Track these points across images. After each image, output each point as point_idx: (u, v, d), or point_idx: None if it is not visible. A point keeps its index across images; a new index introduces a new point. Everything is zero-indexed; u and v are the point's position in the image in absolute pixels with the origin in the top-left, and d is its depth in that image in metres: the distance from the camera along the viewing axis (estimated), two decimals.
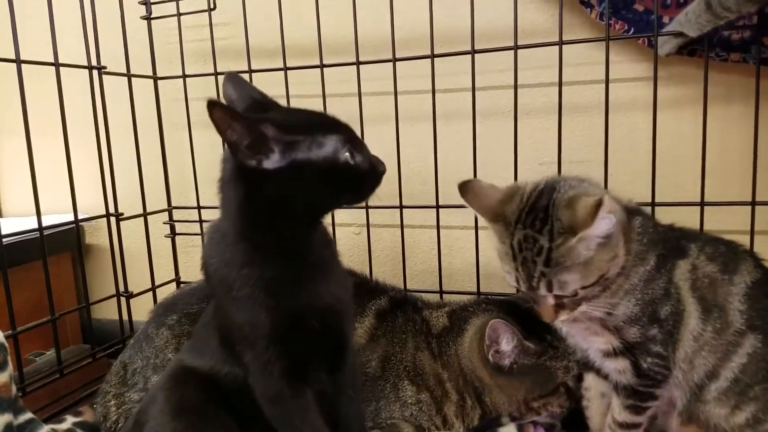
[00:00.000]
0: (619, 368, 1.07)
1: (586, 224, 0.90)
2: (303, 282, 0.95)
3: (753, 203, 1.32)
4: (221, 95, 0.99)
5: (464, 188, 1.05)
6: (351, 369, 1.08)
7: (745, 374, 1.02)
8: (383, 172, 0.95)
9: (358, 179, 0.93)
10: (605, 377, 1.13)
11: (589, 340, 1.09)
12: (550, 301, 0.98)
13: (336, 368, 1.04)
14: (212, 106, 0.81)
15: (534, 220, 0.96)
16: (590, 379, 1.19)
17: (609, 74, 1.35)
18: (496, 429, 1.20)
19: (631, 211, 1.06)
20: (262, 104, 0.98)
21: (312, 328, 0.95)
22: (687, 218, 1.19)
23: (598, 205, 0.89)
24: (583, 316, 1.02)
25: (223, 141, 0.84)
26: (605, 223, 0.91)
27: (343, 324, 1.03)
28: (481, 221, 1.07)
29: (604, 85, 1.36)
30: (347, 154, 0.90)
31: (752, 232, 1.31)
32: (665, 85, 1.40)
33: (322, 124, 0.92)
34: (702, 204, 1.34)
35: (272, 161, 0.87)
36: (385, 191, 1.57)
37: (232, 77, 1.01)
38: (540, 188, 1.00)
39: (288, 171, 0.88)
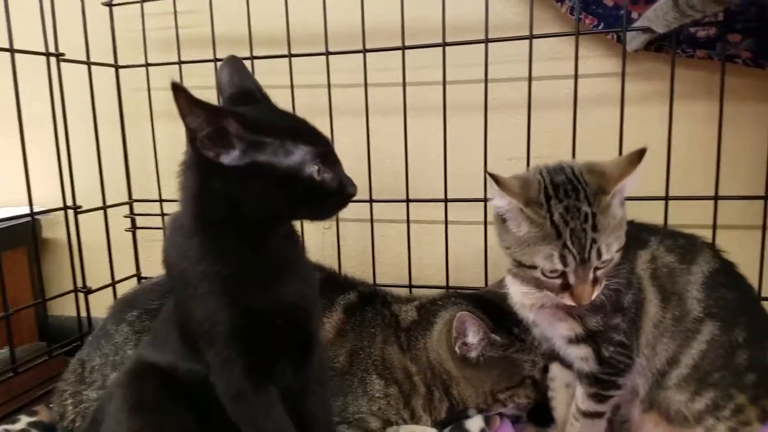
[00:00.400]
0: (582, 355, 1.08)
1: (622, 176, 0.95)
2: (263, 280, 0.92)
3: (716, 198, 1.34)
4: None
5: (496, 178, 1.00)
6: (318, 365, 1.06)
7: (705, 361, 1.04)
8: (352, 194, 0.91)
9: (321, 197, 0.89)
10: (569, 366, 1.14)
11: (554, 327, 1.10)
12: (590, 275, 0.96)
13: (302, 365, 1.02)
14: (176, 89, 0.78)
15: (566, 191, 0.96)
16: (555, 369, 1.20)
17: (578, 69, 1.36)
18: (463, 421, 1.19)
19: None
20: (250, 96, 0.94)
21: (275, 327, 0.93)
22: (652, 212, 1.20)
23: (643, 151, 0.95)
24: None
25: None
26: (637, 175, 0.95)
27: (309, 321, 1.01)
28: (491, 214, 1.05)
29: (573, 80, 1.36)
30: (315, 168, 0.86)
31: (714, 226, 1.33)
32: (633, 80, 1.42)
33: (297, 131, 0.88)
34: (666, 198, 1.36)
35: (231, 157, 0.84)
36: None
37: (232, 61, 0.98)
38: (545, 169, 1.02)
39: (246, 171, 0.84)
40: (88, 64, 1.65)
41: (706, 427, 1.03)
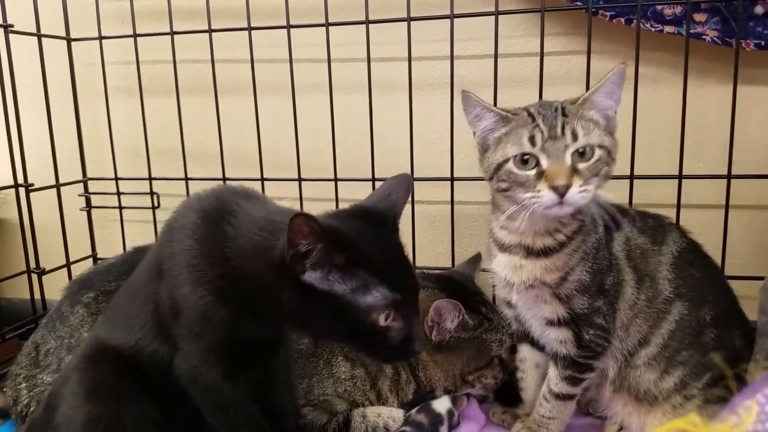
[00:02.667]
0: (560, 338, 1.08)
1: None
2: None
3: (680, 177, 1.35)
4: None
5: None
6: (285, 353, 1.06)
7: (674, 340, 1.05)
8: (415, 352, 0.87)
9: (379, 344, 0.84)
10: (542, 348, 1.15)
11: (535, 309, 1.10)
12: (567, 160, 0.95)
13: (272, 358, 1.02)
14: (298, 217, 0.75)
15: (545, 107, 1.00)
16: (525, 351, 1.20)
17: (544, 47, 1.35)
18: (430, 402, 1.19)
19: None
20: (378, 217, 0.90)
21: (257, 341, 0.94)
22: (616, 192, 1.20)
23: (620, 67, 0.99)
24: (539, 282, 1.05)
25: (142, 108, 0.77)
26: (623, 70, 0.98)
27: (287, 326, 1.00)
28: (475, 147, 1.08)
29: (539, 58, 1.35)
30: (383, 314, 0.81)
31: (678, 205, 1.35)
32: (599, 59, 1.41)
33: (387, 271, 0.82)
34: (632, 177, 1.36)
35: (312, 277, 0.80)
36: (319, 164, 1.53)
37: (401, 178, 0.97)
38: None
39: (320, 293, 0.80)
40: (39, 36, 1.57)
41: (674, 405, 1.04)
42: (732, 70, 1.28)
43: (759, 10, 1.28)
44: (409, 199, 1.48)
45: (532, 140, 0.96)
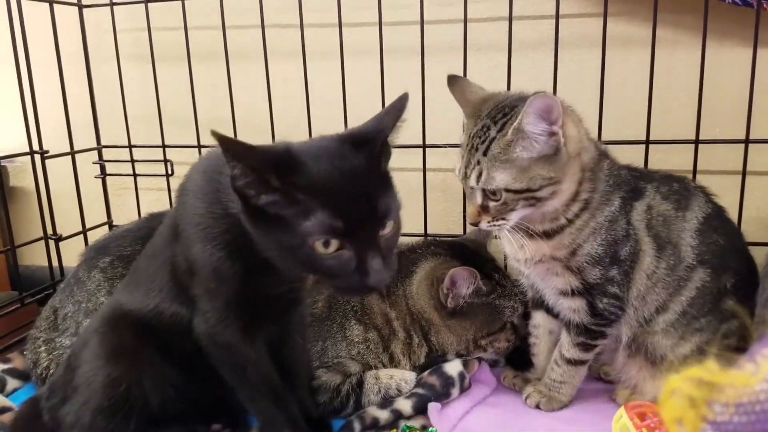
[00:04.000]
0: (573, 307, 1.08)
1: (525, 107, 0.93)
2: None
3: (696, 141, 1.33)
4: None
5: (452, 81, 1.11)
6: (300, 315, 1.07)
7: (693, 307, 1.04)
8: (370, 287, 0.80)
9: (329, 273, 0.80)
10: (556, 315, 1.15)
11: (547, 281, 1.10)
12: (478, 199, 1.00)
13: (287, 318, 1.03)
14: (221, 140, 0.74)
15: (498, 113, 0.99)
16: (539, 317, 1.20)
17: (559, 9, 1.32)
18: (442, 365, 1.20)
19: (601, 153, 1.08)
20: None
21: (272, 296, 0.93)
22: (632, 157, 1.19)
23: (541, 94, 0.93)
24: (538, 256, 1.05)
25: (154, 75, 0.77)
26: (541, 104, 0.92)
27: (302, 287, 1.01)
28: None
29: (554, 21, 1.33)
30: (321, 240, 0.77)
31: (695, 171, 1.33)
32: (615, 22, 1.39)
33: (334, 195, 0.78)
34: (647, 142, 1.35)
35: (264, 201, 0.78)
36: (330, 129, 1.52)
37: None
38: (519, 93, 1.04)
39: (273, 218, 0.79)
40: (51, 2, 1.56)
41: None
42: (752, 32, 1.25)
43: None
44: (421, 167, 1.49)
45: (458, 170, 1.04)
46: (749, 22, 1.25)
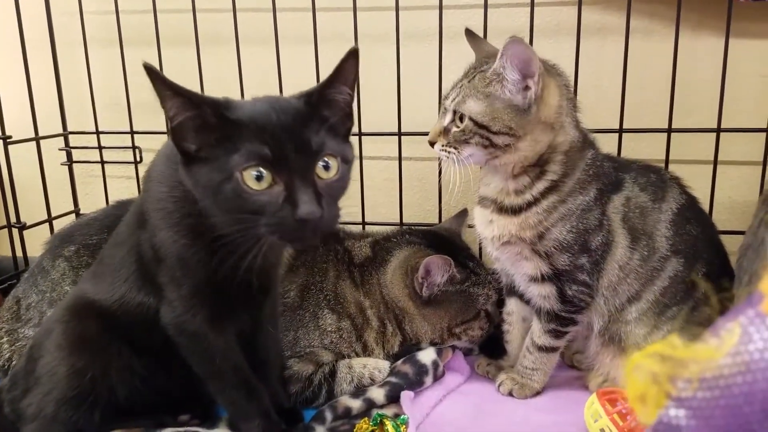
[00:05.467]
0: (543, 293, 1.08)
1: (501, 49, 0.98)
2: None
3: (669, 130, 1.34)
4: None
5: (469, 34, 1.16)
6: (271, 305, 1.05)
7: (665, 296, 1.05)
8: (302, 219, 0.76)
9: (254, 211, 0.77)
10: (528, 302, 1.15)
11: (517, 266, 1.10)
12: (445, 120, 1.05)
13: (258, 308, 1.01)
14: (151, 73, 0.74)
15: (494, 56, 1.01)
16: (512, 304, 1.20)
17: None
18: (415, 353, 1.19)
19: (588, 143, 1.08)
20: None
21: (240, 283, 0.90)
22: (605, 145, 1.19)
23: (517, 39, 0.97)
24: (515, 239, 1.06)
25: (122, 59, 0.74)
26: (517, 50, 0.97)
27: (270, 273, 1.00)
28: None
29: (529, 9, 1.33)
30: (250, 173, 0.75)
31: (667, 160, 1.34)
32: (589, 11, 1.38)
33: (255, 126, 0.77)
34: (620, 131, 1.35)
35: (197, 143, 0.78)
36: None
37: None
38: None
39: (206, 164, 0.78)
40: None
41: None
42: (725, 23, 1.26)
43: None
44: (397, 155, 1.48)
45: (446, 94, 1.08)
46: (722, 12, 1.26)
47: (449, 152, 1.04)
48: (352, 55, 0.82)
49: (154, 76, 0.74)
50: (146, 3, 1.53)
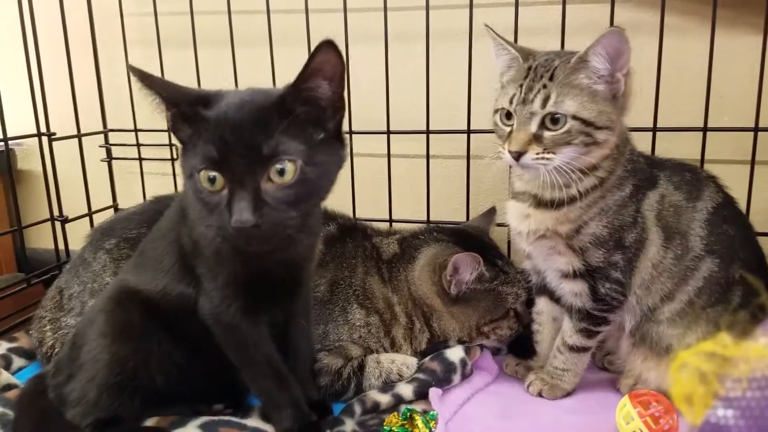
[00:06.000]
0: (576, 291, 1.07)
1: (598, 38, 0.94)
2: None
3: (704, 129, 1.32)
4: None
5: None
6: (304, 299, 1.07)
7: (700, 297, 1.03)
8: (235, 229, 0.77)
9: (210, 211, 0.81)
10: (557, 301, 1.14)
11: (549, 261, 1.09)
12: (533, 126, 0.97)
13: (291, 301, 1.03)
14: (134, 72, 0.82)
15: (558, 54, 1.01)
16: (543, 304, 1.19)
17: None
18: (443, 351, 1.20)
19: (627, 139, 1.07)
20: None
21: (273, 276, 0.94)
22: (638, 144, 1.18)
23: (618, 29, 0.94)
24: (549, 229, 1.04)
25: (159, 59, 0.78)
26: (613, 41, 0.94)
27: (304, 267, 1.02)
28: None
29: (560, 7, 1.33)
30: (199, 175, 0.80)
31: (702, 159, 1.32)
32: (622, 8, 1.37)
33: (213, 124, 0.80)
34: (654, 129, 1.34)
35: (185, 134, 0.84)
36: None
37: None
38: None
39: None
40: None
41: None
42: (762, 20, 1.23)
43: None
44: (425, 153, 1.49)
45: (512, 99, 0.99)
46: (759, 9, 1.24)
47: (546, 160, 0.96)
48: (324, 47, 0.78)
49: (138, 75, 0.78)
50: (184, 5, 1.56)
